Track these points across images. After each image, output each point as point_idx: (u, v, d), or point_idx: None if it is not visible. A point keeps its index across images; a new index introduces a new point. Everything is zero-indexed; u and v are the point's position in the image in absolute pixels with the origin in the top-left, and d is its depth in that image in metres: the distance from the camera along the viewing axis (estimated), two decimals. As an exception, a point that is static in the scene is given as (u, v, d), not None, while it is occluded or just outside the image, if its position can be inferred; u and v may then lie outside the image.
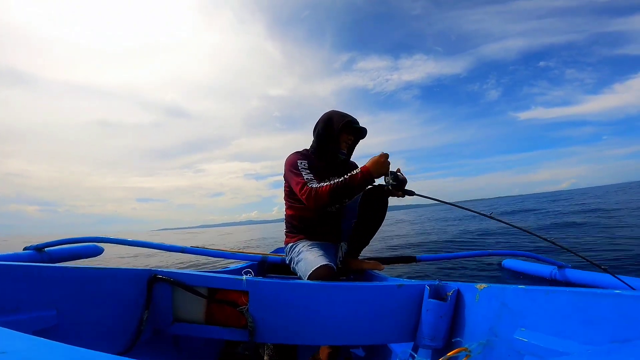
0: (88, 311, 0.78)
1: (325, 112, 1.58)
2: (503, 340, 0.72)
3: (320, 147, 1.55)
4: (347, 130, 1.54)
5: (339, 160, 1.57)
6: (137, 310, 0.93)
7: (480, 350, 0.70)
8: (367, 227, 1.50)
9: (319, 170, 1.49)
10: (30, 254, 1.32)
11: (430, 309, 0.94)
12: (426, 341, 0.94)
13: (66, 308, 0.72)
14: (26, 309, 0.63)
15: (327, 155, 1.55)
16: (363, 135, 1.62)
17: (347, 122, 1.51)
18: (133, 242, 1.57)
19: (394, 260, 1.78)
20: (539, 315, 0.66)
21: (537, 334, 0.64)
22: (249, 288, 0.95)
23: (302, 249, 1.39)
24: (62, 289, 0.72)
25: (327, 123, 1.53)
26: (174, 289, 0.98)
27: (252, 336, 0.93)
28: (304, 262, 1.30)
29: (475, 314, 0.86)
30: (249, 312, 0.95)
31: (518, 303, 0.72)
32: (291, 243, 1.51)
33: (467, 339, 0.85)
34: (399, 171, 1.34)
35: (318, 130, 1.55)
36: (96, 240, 1.50)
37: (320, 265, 1.19)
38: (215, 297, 0.98)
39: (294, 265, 1.41)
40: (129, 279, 0.91)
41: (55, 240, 1.44)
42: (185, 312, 0.99)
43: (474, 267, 3.26)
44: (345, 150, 1.57)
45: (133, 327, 0.91)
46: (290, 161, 1.47)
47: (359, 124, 1.56)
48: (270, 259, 1.73)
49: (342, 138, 1.54)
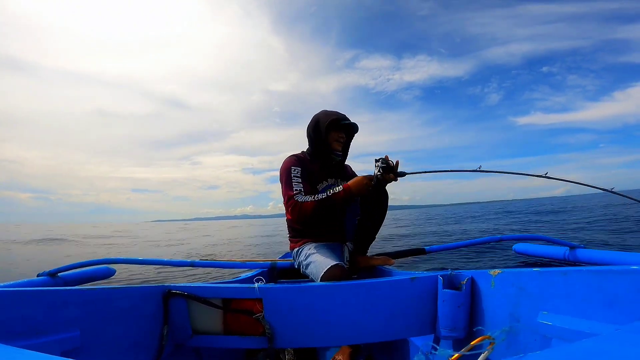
0: (110, 330, 0.79)
1: (315, 114, 1.56)
2: (526, 325, 0.71)
3: (313, 150, 1.55)
4: (335, 129, 1.52)
5: (334, 162, 1.57)
6: (156, 326, 0.94)
7: (504, 337, 0.70)
8: (371, 222, 1.50)
9: (314, 173, 1.50)
10: (44, 280, 1.33)
11: (447, 299, 0.93)
12: (446, 332, 0.93)
13: (89, 328, 0.73)
14: (51, 332, 0.64)
15: (322, 157, 1.54)
16: (354, 130, 1.60)
17: (332, 121, 1.49)
18: (144, 260, 1.59)
19: (403, 254, 1.77)
20: (558, 297, 0.65)
21: (560, 316, 0.63)
22: (262, 295, 0.95)
23: (309, 252, 1.39)
24: (83, 310, 0.73)
25: (315, 125, 1.52)
26: (189, 302, 0.98)
27: (271, 343, 0.93)
28: (314, 264, 1.29)
29: (492, 301, 0.85)
30: (265, 318, 0.95)
31: (535, 286, 0.71)
32: (296, 248, 1.50)
33: (488, 327, 0.84)
34: (387, 158, 1.35)
35: (309, 133, 1.55)
36: (107, 262, 1.51)
37: (331, 265, 1.19)
38: (230, 307, 0.98)
39: (304, 269, 1.40)
40: (144, 296, 0.92)
41: (67, 265, 1.46)
42: (203, 324, 1.00)
43: (485, 253, 3.25)
44: (339, 149, 1.55)
45: (155, 343, 0.92)
46: (284, 167, 1.47)
47: (349, 119, 1.53)
48: (280, 264, 1.73)
49: (332, 137, 1.52)
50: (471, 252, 3.70)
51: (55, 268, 1.41)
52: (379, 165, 1.33)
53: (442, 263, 3.42)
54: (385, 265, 1.53)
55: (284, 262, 1.73)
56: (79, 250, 8.49)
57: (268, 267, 1.73)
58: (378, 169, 1.33)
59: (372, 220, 1.50)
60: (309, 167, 1.49)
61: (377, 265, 1.55)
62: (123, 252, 8.32)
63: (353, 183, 1.35)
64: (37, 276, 1.40)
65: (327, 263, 1.21)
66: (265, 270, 1.75)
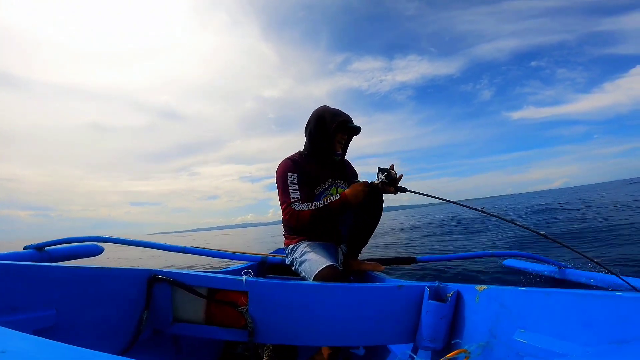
0: (87, 311, 0.78)
1: (315, 110, 1.51)
2: (502, 341, 0.72)
3: (314, 148, 1.51)
4: (341, 131, 1.50)
5: (333, 161, 1.55)
6: (136, 310, 0.93)
7: (479, 352, 0.70)
8: (364, 227, 1.50)
9: (312, 174, 1.47)
10: (30, 253, 1.32)
11: (430, 310, 0.93)
12: (426, 342, 0.94)
13: (65, 307, 0.72)
14: (25, 309, 0.64)
15: (321, 156, 1.51)
16: (357, 133, 1.58)
17: (341, 123, 1.46)
18: (133, 242, 1.57)
19: (394, 261, 1.78)
20: (539, 316, 0.66)
21: (536, 335, 0.64)
22: (248, 288, 0.95)
23: (305, 250, 1.38)
24: (62, 288, 0.72)
25: (319, 123, 1.47)
26: (174, 289, 0.98)
27: (251, 336, 0.93)
28: (309, 262, 1.29)
29: (475, 316, 0.86)
30: (249, 312, 0.95)
31: (517, 304, 0.72)
32: (292, 245, 1.49)
33: (466, 341, 0.85)
34: (392, 168, 1.34)
35: (310, 130, 1.50)
36: (96, 240, 1.50)
37: (325, 265, 1.19)
38: (215, 297, 0.98)
39: (297, 266, 1.40)
40: (128, 279, 0.91)
41: (55, 240, 1.45)
42: (185, 312, 0.99)
43: (474, 268, 3.25)
44: (339, 150, 1.53)
45: (132, 327, 0.91)
46: (280, 172, 1.44)
47: (353, 122, 1.51)
48: (270, 259, 1.73)
49: (336, 138, 1.49)
50: (466, 263, 3.70)
51: (43, 242, 1.39)
52: (381, 178, 1.31)
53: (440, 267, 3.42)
54: (375, 271, 1.53)
55: (274, 258, 1.73)
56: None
57: (258, 261, 1.72)
58: (380, 180, 1.31)
59: (365, 224, 1.50)
60: (307, 169, 1.47)
61: (368, 270, 1.55)
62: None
63: (350, 192, 1.33)
64: (24, 248, 1.39)
65: (322, 263, 1.21)
66: (255, 264, 1.75)
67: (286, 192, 1.39)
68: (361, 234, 1.53)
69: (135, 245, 1.58)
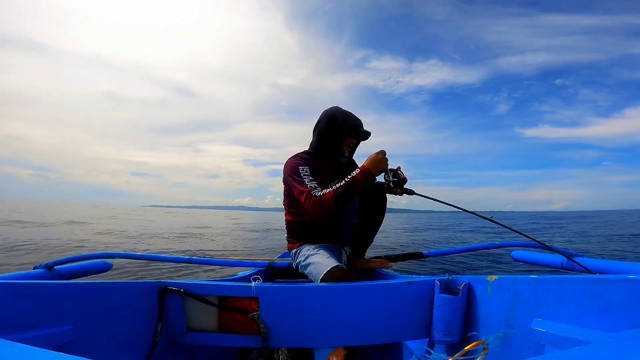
0: (103, 325, 0.79)
1: (327, 110, 1.50)
2: (520, 331, 0.71)
3: (322, 148, 1.49)
4: (351, 134, 1.49)
5: (340, 163, 1.54)
6: (150, 322, 0.94)
7: (498, 343, 0.70)
8: (369, 225, 1.50)
9: (320, 174, 1.44)
10: (40, 272, 1.32)
11: (443, 304, 0.93)
12: (441, 337, 0.93)
13: (82, 323, 0.73)
14: (43, 325, 0.65)
15: (328, 156, 1.50)
16: (366, 138, 1.57)
17: (353, 127, 1.46)
18: (141, 255, 1.59)
19: (401, 257, 1.77)
20: (554, 304, 0.65)
21: (554, 323, 0.63)
22: (258, 294, 0.95)
23: (309, 253, 1.38)
24: (77, 304, 0.73)
25: (331, 124, 1.46)
26: (185, 299, 0.98)
27: (265, 342, 0.93)
28: (315, 265, 1.28)
29: (488, 307, 0.85)
30: (261, 318, 0.95)
31: (531, 293, 0.71)
32: (294, 249, 1.48)
33: (483, 333, 0.84)
34: (399, 169, 1.33)
35: (320, 129, 1.48)
36: (104, 256, 1.51)
37: (332, 266, 1.19)
38: (226, 305, 0.98)
39: (303, 269, 1.39)
40: (140, 292, 0.92)
41: (64, 258, 1.46)
42: (198, 322, 0.99)
43: (483, 259, 3.25)
44: (347, 153, 1.52)
45: (148, 339, 0.92)
46: (291, 167, 1.40)
47: (363, 126, 1.50)
48: (278, 264, 1.73)
49: (346, 142, 1.49)
50: (470, 257, 3.69)
51: (52, 261, 1.40)
52: (388, 180, 1.30)
53: (442, 267, 3.41)
54: (383, 268, 1.53)
55: (281, 262, 1.73)
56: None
57: (265, 267, 1.72)
58: (388, 180, 1.30)
59: (370, 223, 1.50)
60: (314, 168, 1.44)
61: (375, 267, 1.55)
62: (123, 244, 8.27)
63: (369, 162, 1.27)
64: (34, 269, 1.40)
65: (329, 264, 1.21)
66: (263, 269, 1.75)
67: (302, 182, 1.33)
68: (366, 232, 1.52)
69: (142, 259, 1.59)
